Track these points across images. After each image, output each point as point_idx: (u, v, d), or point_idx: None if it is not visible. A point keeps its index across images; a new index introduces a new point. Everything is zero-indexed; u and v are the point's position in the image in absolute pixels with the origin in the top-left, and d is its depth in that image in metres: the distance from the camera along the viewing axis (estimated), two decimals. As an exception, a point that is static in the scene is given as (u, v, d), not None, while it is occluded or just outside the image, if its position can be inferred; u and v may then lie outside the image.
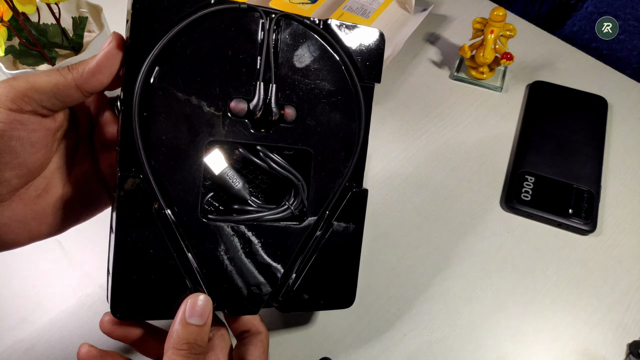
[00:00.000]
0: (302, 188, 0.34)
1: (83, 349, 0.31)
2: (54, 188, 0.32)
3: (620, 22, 0.62)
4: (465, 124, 0.56)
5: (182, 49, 0.30)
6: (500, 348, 0.42)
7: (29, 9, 0.45)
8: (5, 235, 0.30)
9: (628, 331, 0.42)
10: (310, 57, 0.33)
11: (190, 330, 0.28)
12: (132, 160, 0.29)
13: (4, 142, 0.27)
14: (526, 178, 0.50)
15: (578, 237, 0.48)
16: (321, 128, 0.34)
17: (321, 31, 0.33)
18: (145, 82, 0.29)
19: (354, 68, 0.35)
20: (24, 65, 0.49)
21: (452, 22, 0.66)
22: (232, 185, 0.33)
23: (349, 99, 0.35)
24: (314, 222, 0.34)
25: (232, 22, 0.31)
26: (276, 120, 0.33)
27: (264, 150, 0.33)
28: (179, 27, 0.29)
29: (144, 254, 0.30)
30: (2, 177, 0.28)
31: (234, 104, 0.31)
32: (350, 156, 0.35)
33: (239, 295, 0.33)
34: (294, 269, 0.34)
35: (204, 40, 0.30)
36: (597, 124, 0.55)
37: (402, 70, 0.61)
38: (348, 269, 0.36)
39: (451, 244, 0.47)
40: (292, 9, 0.60)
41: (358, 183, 0.36)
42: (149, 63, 0.29)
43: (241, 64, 0.31)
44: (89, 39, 0.54)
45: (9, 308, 0.43)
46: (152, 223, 0.30)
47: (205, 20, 0.30)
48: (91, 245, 0.47)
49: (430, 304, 0.44)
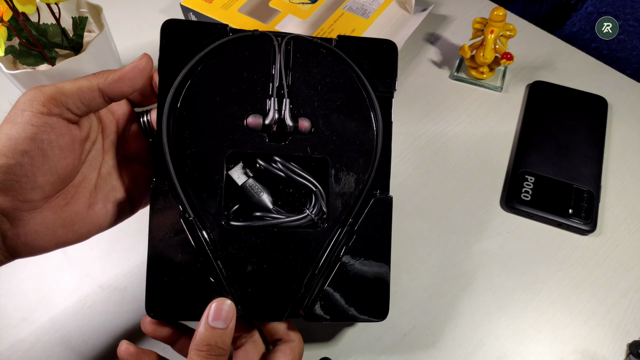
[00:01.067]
0: (321, 195, 0.35)
1: (122, 346, 0.33)
2: (82, 197, 0.33)
3: (620, 22, 0.62)
4: (465, 124, 0.56)
5: (203, 74, 0.34)
6: (500, 348, 0.42)
7: (29, 9, 0.45)
8: (35, 241, 0.31)
9: (628, 331, 0.42)
10: (321, 72, 0.35)
11: (213, 333, 0.29)
12: (162, 173, 0.33)
13: (35, 145, 0.28)
14: (526, 178, 0.51)
15: (578, 237, 0.48)
16: (337, 137, 0.35)
17: (330, 47, 0.36)
18: (172, 104, 0.33)
19: (367, 78, 0.36)
20: (24, 65, 0.49)
21: (452, 22, 0.66)
22: (254, 195, 0.35)
23: (363, 108, 0.35)
24: (335, 228, 0.35)
25: (247, 47, 0.34)
26: (291, 132, 0.34)
27: (281, 160, 0.35)
28: (200, 56, 0.34)
29: (174, 258, 0.33)
30: (35, 183, 0.29)
31: (251, 119, 0.34)
32: (369, 163, 0.35)
33: (264, 301, 0.33)
34: (317, 276, 0.34)
35: (222, 65, 0.34)
36: (597, 124, 0.55)
37: (402, 70, 0.61)
38: (377, 279, 0.35)
39: (451, 243, 0.47)
40: (292, 10, 0.60)
41: (383, 190, 0.36)
42: (175, 88, 0.33)
43: (256, 83, 0.34)
44: (89, 39, 0.54)
45: (9, 308, 0.43)
46: (180, 229, 0.33)
47: (223, 48, 0.34)
48: (91, 246, 0.47)
49: (430, 304, 0.44)
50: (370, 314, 0.35)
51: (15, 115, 0.28)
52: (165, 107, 0.33)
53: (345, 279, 0.35)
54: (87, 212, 0.33)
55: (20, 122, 0.28)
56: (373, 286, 0.35)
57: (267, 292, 0.33)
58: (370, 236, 0.35)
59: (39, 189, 0.29)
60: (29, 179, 0.29)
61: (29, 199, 0.29)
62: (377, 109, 0.36)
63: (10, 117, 0.28)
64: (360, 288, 0.35)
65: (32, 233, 0.30)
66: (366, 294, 0.35)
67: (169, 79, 0.33)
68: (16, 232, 0.30)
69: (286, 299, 0.34)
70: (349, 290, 0.35)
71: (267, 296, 0.34)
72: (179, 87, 0.33)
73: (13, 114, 0.28)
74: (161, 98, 0.33)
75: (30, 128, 0.28)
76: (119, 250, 0.46)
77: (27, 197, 0.29)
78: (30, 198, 0.29)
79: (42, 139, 0.29)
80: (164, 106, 0.33)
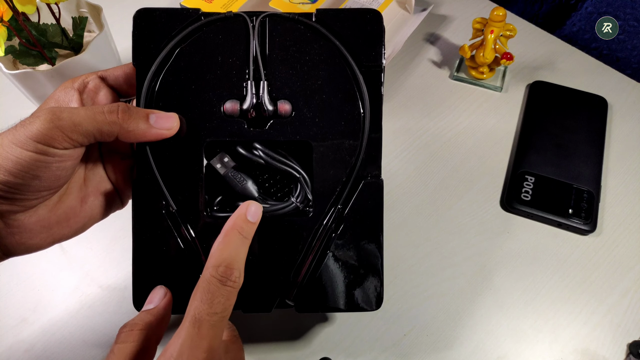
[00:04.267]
0: (305, 181, 0.34)
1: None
2: (73, 192, 0.33)
3: (620, 22, 0.62)
4: (465, 124, 0.56)
5: (177, 62, 0.33)
6: (500, 348, 0.42)
7: (29, 9, 0.45)
8: (30, 239, 0.30)
9: (628, 331, 0.42)
10: (301, 50, 0.33)
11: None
12: (143, 165, 0.32)
13: (39, 172, 0.28)
14: (526, 178, 0.50)
15: (578, 237, 0.48)
16: (320, 119, 0.33)
17: (309, 22, 0.33)
18: (147, 95, 0.32)
19: (350, 53, 0.33)
20: (24, 65, 0.49)
21: (452, 22, 0.66)
22: (237, 184, 0.34)
23: (348, 85, 0.33)
24: (322, 215, 0.33)
25: (221, 31, 0.33)
26: (271, 116, 0.33)
27: (262, 147, 0.34)
28: (172, 44, 0.33)
29: (158, 251, 0.32)
30: (35, 194, 0.29)
31: (228, 105, 0.33)
32: (356, 145, 0.33)
33: (251, 292, 0.33)
34: (305, 265, 0.33)
35: (196, 51, 0.33)
36: (597, 124, 0.55)
37: (402, 70, 0.61)
38: (370, 267, 0.34)
39: (451, 244, 0.47)
40: (292, 9, 0.60)
41: (374, 173, 0.34)
42: (149, 78, 0.32)
43: (232, 67, 0.33)
44: (89, 39, 0.54)
45: (9, 308, 0.43)
46: (164, 222, 0.32)
47: (196, 33, 0.33)
48: (91, 245, 0.47)
49: (430, 304, 0.44)
50: (363, 303, 0.34)
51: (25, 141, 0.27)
52: (141, 98, 0.32)
53: (336, 267, 0.34)
54: (80, 207, 0.33)
55: (27, 150, 0.27)
56: (365, 275, 0.34)
57: (255, 284, 0.33)
58: (361, 222, 0.34)
59: (37, 195, 0.29)
60: (29, 191, 0.28)
61: (25, 204, 0.29)
62: (362, 85, 0.33)
63: (19, 138, 0.27)
64: (351, 277, 0.34)
65: (27, 232, 0.30)
66: (358, 283, 0.34)
67: (144, 70, 0.32)
68: (10, 231, 0.29)
69: (274, 290, 0.33)
70: (340, 279, 0.34)
71: (255, 287, 0.33)
72: (154, 78, 0.32)
73: (23, 135, 0.27)
74: (138, 90, 0.33)
75: (37, 157, 0.27)
76: (119, 250, 0.46)
77: (23, 203, 0.29)
78: (25, 204, 0.29)
79: (47, 166, 0.28)
80: (140, 98, 0.32)
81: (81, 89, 0.33)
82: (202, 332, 0.26)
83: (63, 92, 0.32)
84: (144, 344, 0.28)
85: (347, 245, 0.34)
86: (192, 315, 0.26)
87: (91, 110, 0.29)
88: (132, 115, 0.29)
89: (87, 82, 0.33)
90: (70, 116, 0.28)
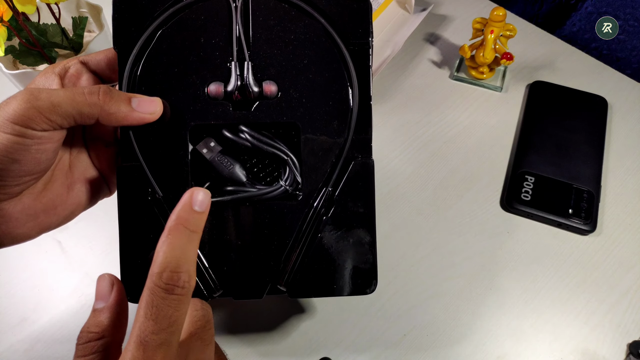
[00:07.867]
0: (293, 163, 0.33)
1: None
2: (59, 179, 0.32)
3: (620, 22, 0.62)
4: (465, 124, 0.56)
5: (159, 45, 0.32)
6: (500, 348, 0.42)
7: (29, 9, 0.45)
8: (16, 229, 0.30)
9: (628, 331, 0.42)
10: (286, 29, 0.33)
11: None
12: (127, 151, 0.32)
13: (18, 155, 0.27)
14: (526, 178, 0.51)
15: (578, 237, 0.48)
16: (307, 99, 0.33)
17: (293, 1, 0.33)
18: (129, 79, 0.32)
19: (336, 31, 0.33)
20: (24, 65, 0.49)
21: (452, 22, 0.66)
22: (224, 169, 0.33)
23: (335, 64, 0.33)
24: (312, 198, 0.33)
25: (203, 11, 0.32)
26: (257, 97, 0.32)
27: (248, 129, 0.33)
28: (153, 26, 0.32)
29: (145, 239, 0.32)
30: (15, 180, 0.28)
31: (212, 88, 0.32)
32: (345, 125, 0.33)
33: (242, 279, 0.32)
34: (296, 249, 0.33)
35: (178, 33, 0.32)
36: (597, 124, 0.55)
37: (402, 70, 0.61)
38: (362, 249, 0.33)
39: (451, 244, 0.47)
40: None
41: (364, 154, 0.33)
42: (131, 63, 0.32)
43: (216, 48, 0.32)
44: (89, 39, 0.54)
45: (9, 308, 0.43)
46: (150, 209, 0.32)
47: (177, 14, 0.32)
48: (91, 245, 0.47)
49: (430, 304, 0.44)
50: (357, 287, 0.33)
51: (1, 123, 0.26)
52: (123, 83, 0.31)
53: (328, 251, 0.33)
54: (67, 194, 0.32)
55: (4, 132, 0.26)
56: (358, 258, 0.33)
57: (245, 270, 0.32)
58: (352, 204, 0.33)
59: (18, 180, 0.28)
60: (10, 176, 0.28)
61: (7, 191, 0.28)
62: (350, 64, 0.33)
63: None
64: (344, 261, 0.33)
65: (12, 221, 0.29)
66: (352, 267, 0.33)
67: (125, 54, 0.32)
68: None
69: (265, 276, 0.32)
70: (332, 263, 0.33)
71: (246, 274, 0.32)
72: (136, 62, 0.32)
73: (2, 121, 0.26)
74: (120, 74, 0.32)
75: (15, 139, 0.26)
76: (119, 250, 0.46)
77: (5, 190, 0.28)
78: (8, 190, 0.28)
79: (26, 149, 0.27)
80: (122, 82, 0.32)
81: (62, 74, 0.32)
82: (148, 354, 0.23)
83: (44, 77, 0.32)
84: (104, 354, 0.26)
85: (339, 228, 0.33)
86: (137, 335, 0.23)
87: (71, 91, 0.28)
88: (113, 97, 0.29)
89: (68, 67, 0.33)
90: (48, 97, 0.27)
